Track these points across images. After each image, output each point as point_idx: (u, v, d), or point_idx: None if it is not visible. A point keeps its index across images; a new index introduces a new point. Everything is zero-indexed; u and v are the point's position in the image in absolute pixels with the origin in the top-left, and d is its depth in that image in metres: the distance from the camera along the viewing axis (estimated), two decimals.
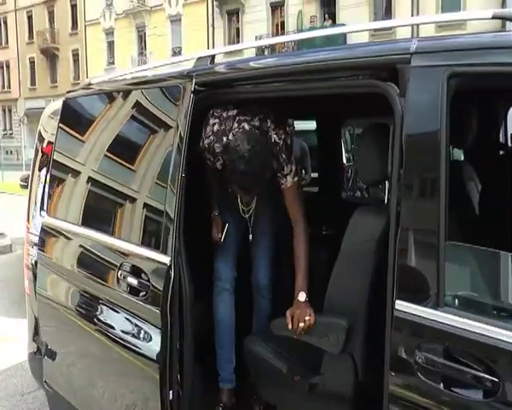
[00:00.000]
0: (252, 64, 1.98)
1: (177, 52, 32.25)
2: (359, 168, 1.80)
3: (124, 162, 2.37)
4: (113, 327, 2.17)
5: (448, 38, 1.51)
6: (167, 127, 2.10)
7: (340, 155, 3.93)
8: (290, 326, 1.95)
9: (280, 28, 29.01)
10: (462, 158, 2.61)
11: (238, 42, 30.16)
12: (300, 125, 4.97)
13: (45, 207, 2.75)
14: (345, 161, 4.82)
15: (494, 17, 1.47)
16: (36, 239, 2.82)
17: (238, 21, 30.42)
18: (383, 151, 1.60)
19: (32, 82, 42.06)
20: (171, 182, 1.96)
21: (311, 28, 27.37)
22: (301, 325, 1.92)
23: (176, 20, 32.60)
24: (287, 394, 2.01)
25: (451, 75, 1.39)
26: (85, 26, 37.80)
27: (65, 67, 39.28)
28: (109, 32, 36.32)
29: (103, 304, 2.21)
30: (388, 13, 25.64)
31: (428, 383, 1.34)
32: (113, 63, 36.11)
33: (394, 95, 1.51)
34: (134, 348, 2.04)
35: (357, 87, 1.69)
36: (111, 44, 36.47)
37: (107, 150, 2.45)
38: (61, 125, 2.76)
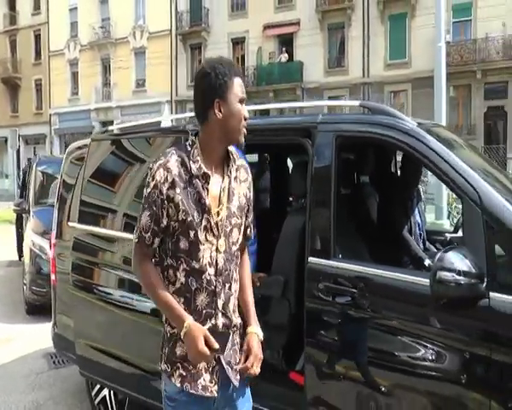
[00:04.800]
0: None
1: (140, 84, 33.34)
2: (292, 187, 3.01)
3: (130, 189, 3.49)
4: (117, 294, 3.25)
5: (337, 115, 2.76)
6: None
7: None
8: (249, 366, 1.87)
9: (240, 62, 30.52)
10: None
11: None
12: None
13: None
14: None
15: (361, 106, 2.71)
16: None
17: (200, 55, 31.69)
18: (305, 178, 2.79)
19: None
20: None
21: (270, 63, 29.21)
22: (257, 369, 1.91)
23: (140, 52, 33.63)
24: None
25: (337, 136, 2.61)
26: (49, 56, 38.10)
27: (27, 97, 39.09)
28: (73, 63, 36.83)
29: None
30: (342, 52, 27.65)
31: (310, 299, 2.52)
32: (76, 94, 36.69)
33: (308, 146, 2.69)
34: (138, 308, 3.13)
35: (290, 140, 2.91)
36: (75, 75, 36.95)
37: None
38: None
